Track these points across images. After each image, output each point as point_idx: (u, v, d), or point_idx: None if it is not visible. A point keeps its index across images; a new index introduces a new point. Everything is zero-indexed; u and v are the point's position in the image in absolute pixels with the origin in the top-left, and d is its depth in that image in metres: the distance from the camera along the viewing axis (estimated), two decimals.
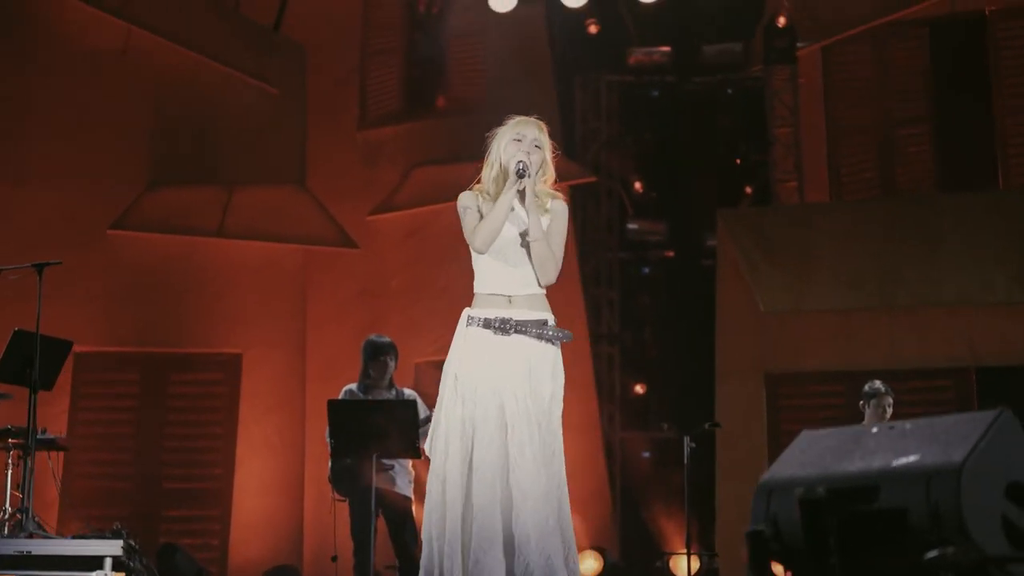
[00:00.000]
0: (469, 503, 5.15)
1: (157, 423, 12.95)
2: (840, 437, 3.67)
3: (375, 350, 8.69)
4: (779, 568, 3.42)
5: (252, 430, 12.91)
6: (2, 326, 9.30)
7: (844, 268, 12.02)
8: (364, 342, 8.81)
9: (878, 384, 9.04)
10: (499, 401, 5.21)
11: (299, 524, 12.64)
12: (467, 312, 5.41)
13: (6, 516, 9.01)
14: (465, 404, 5.25)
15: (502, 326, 5.30)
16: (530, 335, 5.31)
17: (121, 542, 7.30)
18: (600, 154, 13.84)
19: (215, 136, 13.43)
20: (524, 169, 5.31)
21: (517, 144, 5.44)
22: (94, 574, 7.44)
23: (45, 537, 8.68)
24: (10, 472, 9.26)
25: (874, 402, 8.97)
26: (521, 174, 5.32)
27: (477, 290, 5.45)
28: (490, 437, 5.17)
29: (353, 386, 8.73)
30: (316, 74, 13.85)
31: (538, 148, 5.46)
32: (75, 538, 8.75)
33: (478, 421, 5.20)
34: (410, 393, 8.70)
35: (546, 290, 5.47)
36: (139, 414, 12.98)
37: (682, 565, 10.81)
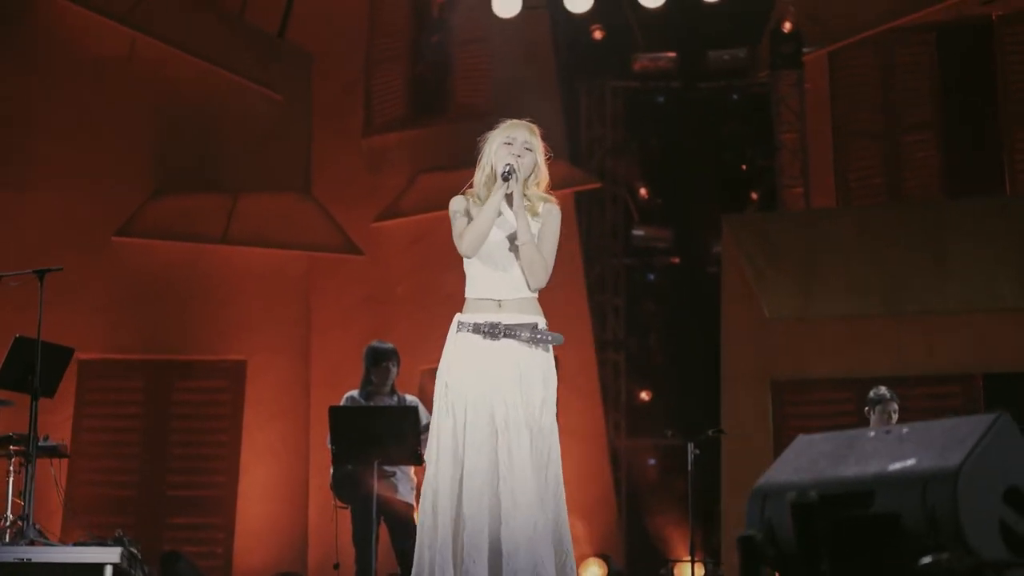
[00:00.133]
0: (461, 512, 5.09)
1: (161, 430, 12.93)
2: (836, 442, 3.62)
3: (377, 356, 8.65)
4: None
5: (256, 437, 12.88)
6: (5, 333, 9.26)
7: (850, 274, 11.97)
8: (366, 348, 8.77)
9: (883, 390, 8.98)
10: (489, 408, 5.16)
11: (303, 531, 12.60)
12: (457, 317, 5.36)
13: (7, 523, 8.98)
14: (456, 413, 5.19)
15: (491, 331, 5.25)
16: (520, 339, 5.25)
17: (120, 549, 7.26)
18: (605, 160, 13.79)
19: (220, 143, 13.41)
20: (510, 172, 5.26)
21: (508, 147, 5.38)
22: None
23: (46, 544, 8.67)
24: (12, 479, 9.22)
25: (879, 408, 8.91)
26: (506, 177, 5.26)
27: (468, 295, 5.39)
28: (480, 444, 5.12)
29: (355, 392, 8.69)
30: (321, 81, 13.83)
31: (529, 151, 5.41)
32: (76, 545, 8.76)
33: (468, 428, 5.15)
34: (412, 399, 8.65)
35: (538, 293, 5.41)
36: (143, 421, 12.97)
37: (686, 573, 10.75)
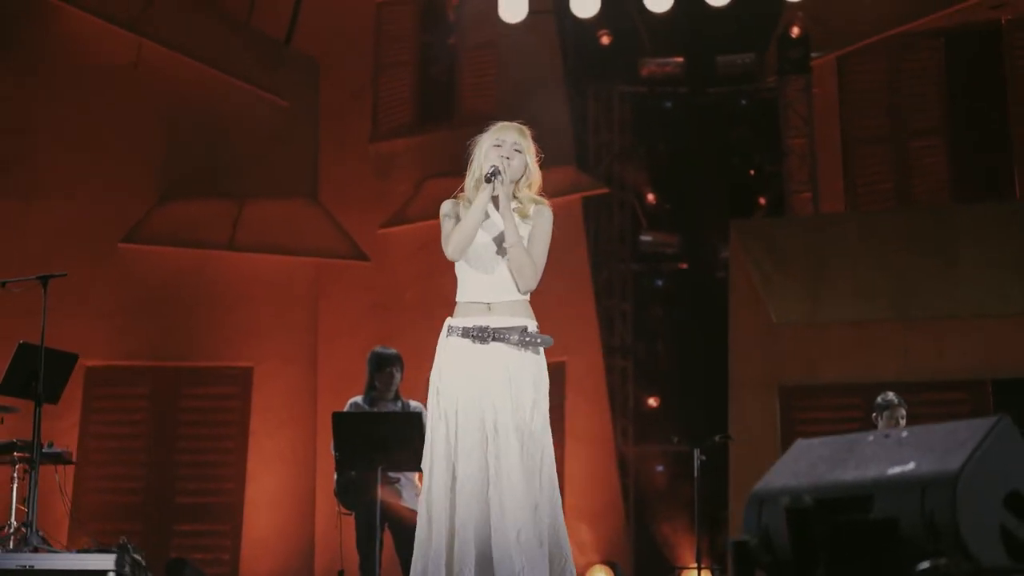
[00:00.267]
0: (454, 520, 5.05)
1: (168, 437, 12.91)
2: (834, 446, 3.58)
3: (381, 361, 8.62)
4: None
5: (263, 444, 12.86)
6: (11, 339, 9.23)
7: (858, 279, 11.93)
8: (370, 354, 8.74)
9: (891, 396, 8.93)
10: (480, 412, 5.11)
11: (310, 539, 12.58)
12: (448, 322, 5.33)
13: (11, 530, 8.96)
14: (447, 420, 5.15)
15: (480, 334, 5.20)
16: (509, 343, 5.21)
17: (113, 556, 7.23)
18: (613, 165, 13.75)
19: (226, 149, 13.40)
20: (493, 173, 5.21)
21: (497, 149, 5.34)
22: None
23: (50, 551, 8.64)
24: (15, 486, 9.21)
25: (887, 414, 8.85)
26: (488, 178, 5.22)
27: (458, 299, 5.35)
28: (471, 449, 5.08)
29: (359, 398, 8.66)
30: (328, 87, 13.82)
31: (519, 152, 5.36)
32: (80, 552, 8.74)
33: (460, 433, 5.11)
34: (416, 405, 8.61)
35: (529, 295, 5.37)
36: (150, 428, 12.95)
37: None
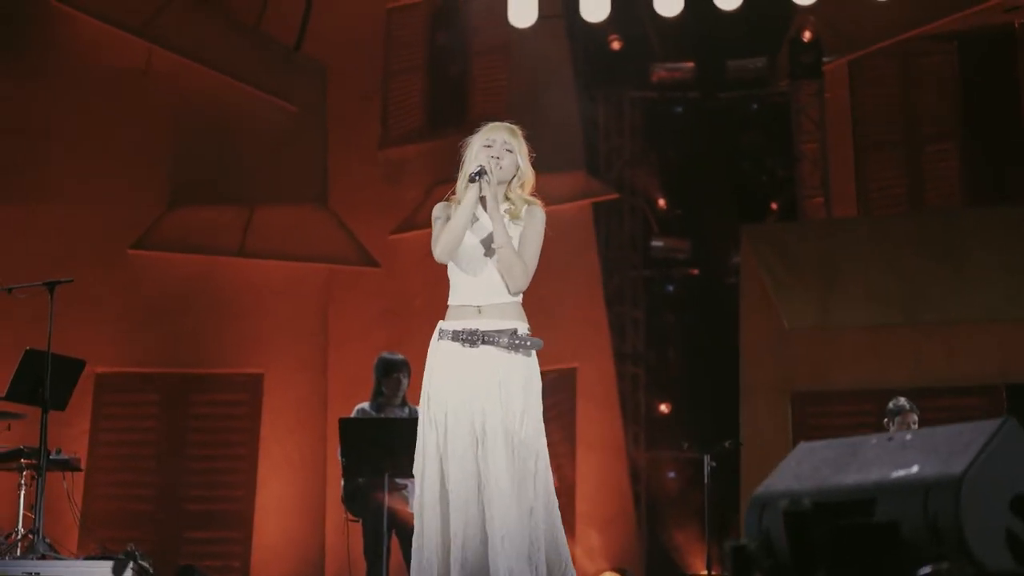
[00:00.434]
0: (448, 527, 5.00)
1: (178, 444, 12.88)
2: (837, 449, 3.52)
3: (388, 367, 8.58)
4: None
5: (274, 451, 12.82)
6: (21, 345, 9.22)
7: (870, 284, 11.86)
8: (377, 359, 8.71)
9: (902, 401, 8.88)
10: (469, 417, 5.06)
11: (320, 545, 12.53)
12: (439, 325, 5.27)
13: (18, 537, 8.95)
14: (437, 425, 5.10)
15: (470, 338, 5.14)
16: (499, 346, 5.15)
17: (110, 562, 7.22)
18: (623, 171, 13.69)
19: (236, 155, 13.37)
20: (479, 173, 5.15)
21: (487, 150, 5.28)
22: None
23: (56, 559, 8.63)
24: (23, 492, 9.20)
25: (898, 419, 8.81)
26: (473, 178, 5.16)
27: (449, 302, 5.29)
28: (462, 455, 5.02)
29: (366, 404, 8.63)
30: (338, 92, 13.78)
31: (509, 152, 5.30)
32: (87, 559, 8.73)
33: (450, 438, 5.05)
34: None
35: (521, 297, 5.30)
36: (160, 435, 12.92)
37: None
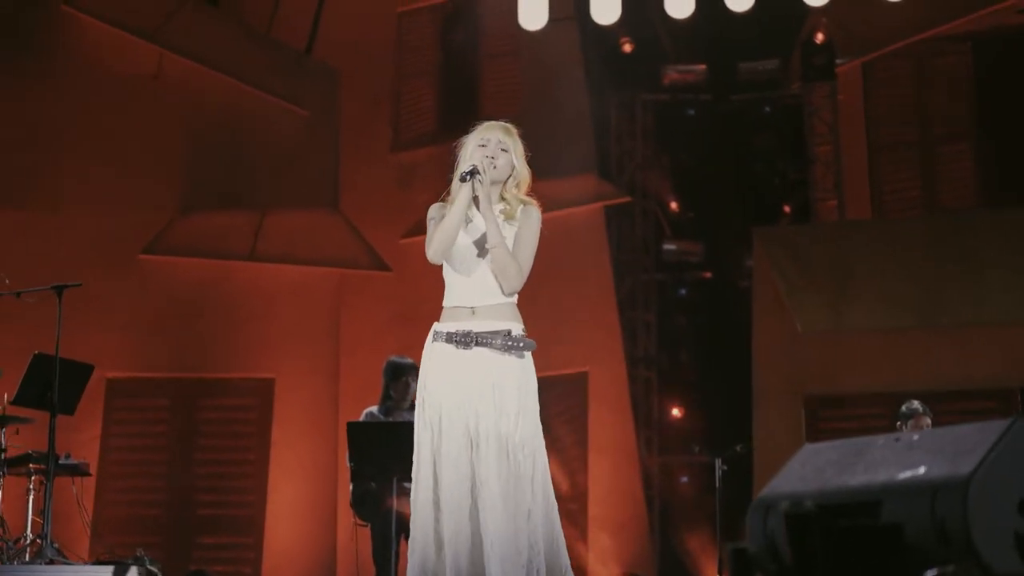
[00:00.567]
0: (440, 532, 4.95)
1: (189, 449, 12.86)
2: (843, 450, 3.46)
3: (396, 371, 8.55)
4: None
5: (285, 456, 12.79)
6: (33, 350, 9.18)
7: (884, 287, 11.81)
8: (385, 363, 8.67)
9: (915, 404, 8.82)
10: (463, 419, 5.00)
11: (332, 550, 12.49)
12: (433, 327, 5.21)
13: (27, 542, 8.93)
14: (432, 428, 5.05)
15: (463, 339, 5.09)
16: (492, 347, 5.09)
17: (111, 568, 7.19)
18: (636, 174, 13.64)
19: (247, 160, 13.36)
20: (471, 173, 5.08)
21: (482, 149, 5.22)
22: None
23: (64, 563, 8.61)
24: (31, 498, 9.18)
25: (911, 423, 8.74)
26: (464, 178, 5.10)
27: (444, 303, 5.24)
28: (455, 457, 4.97)
29: (374, 408, 8.59)
30: (349, 97, 13.76)
31: (504, 151, 5.24)
32: (96, 565, 8.70)
33: (444, 441, 5.00)
34: None
35: (516, 298, 5.24)
36: (171, 440, 12.90)
37: None
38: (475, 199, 5.13)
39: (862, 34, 13.35)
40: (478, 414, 4.97)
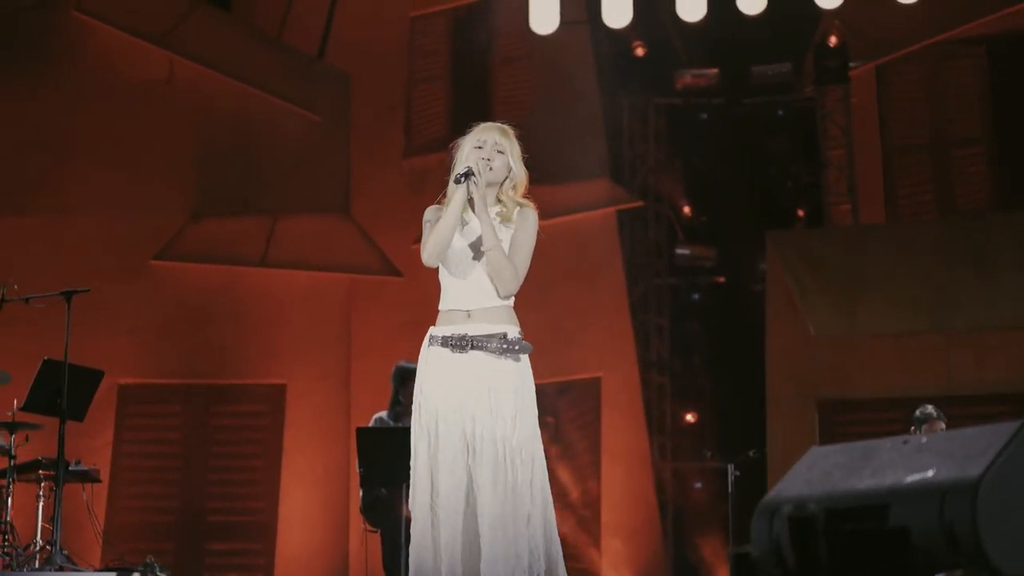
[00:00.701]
0: (437, 539, 4.89)
1: (201, 455, 12.84)
2: (850, 453, 3.41)
3: (405, 376, 8.50)
4: None
5: (297, 462, 12.75)
6: (43, 356, 9.16)
7: (897, 291, 11.75)
8: (394, 368, 8.63)
9: (929, 409, 8.74)
10: (460, 424, 4.95)
11: (344, 557, 12.45)
12: (429, 331, 5.16)
13: (36, 549, 8.91)
14: (429, 433, 5.00)
15: (459, 343, 5.03)
16: (488, 350, 5.03)
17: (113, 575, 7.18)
18: (648, 178, 13.60)
19: (258, 165, 13.34)
20: (465, 175, 5.02)
21: (478, 151, 5.16)
22: None
23: (74, 570, 8.59)
24: (41, 504, 9.16)
25: (925, 427, 8.67)
26: (458, 180, 5.04)
27: (440, 307, 5.18)
28: (452, 462, 4.92)
29: (383, 414, 8.55)
30: (360, 102, 13.73)
31: (500, 153, 5.18)
32: (105, 571, 8.68)
33: (440, 446, 4.95)
34: None
35: (512, 300, 5.18)
36: (183, 447, 12.88)
37: None
38: (470, 201, 5.06)
39: (876, 37, 13.29)
40: (475, 418, 4.92)
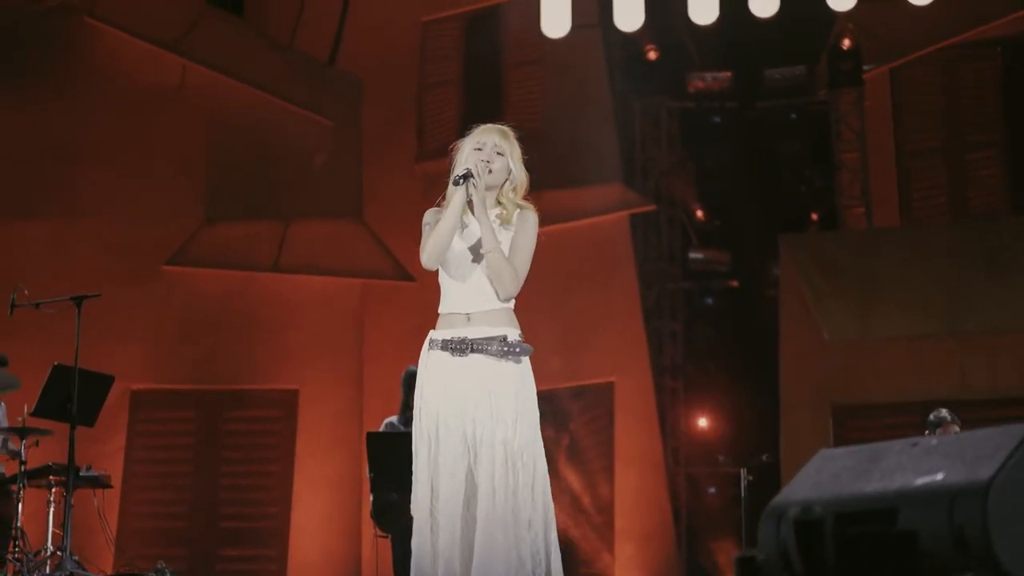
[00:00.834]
0: (436, 544, 4.85)
1: (213, 461, 12.82)
2: (858, 456, 3.36)
3: (415, 381, 8.43)
4: None
5: (309, 467, 12.73)
6: (54, 362, 9.14)
7: (912, 294, 11.70)
8: (404, 372, 8.59)
9: (943, 412, 8.68)
10: (461, 427, 4.90)
11: (357, 562, 12.42)
12: (429, 335, 5.11)
13: (47, 555, 8.89)
14: (429, 437, 4.95)
15: (459, 346, 4.97)
16: (488, 353, 4.98)
17: None
18: (661, 182, 13.56)
19: (271, 170, 13.33)
20: (464, 176, 4.96)
21: (478, 153, 5.11)
22: None
23: None
24: (52, 510, 9.13)
25: (939, 431, 8.60)
26: (457, 182, 4.99)
27: (439, 310, 5.13)
28: (452, 465, 4.86)
29: (394, 418, 8.51)
30: (372, 106, 13.72)
31: (500, 155, 5.13)
32: None
33: (441, 450, 4.90)
34: None
35: (512, 303, 5.13)
36: (195, 452, 12.87)
37: None
38: (469, 203, 5.01)
39: (889, 40, 13.24)
40: (475, 421, 4.87)
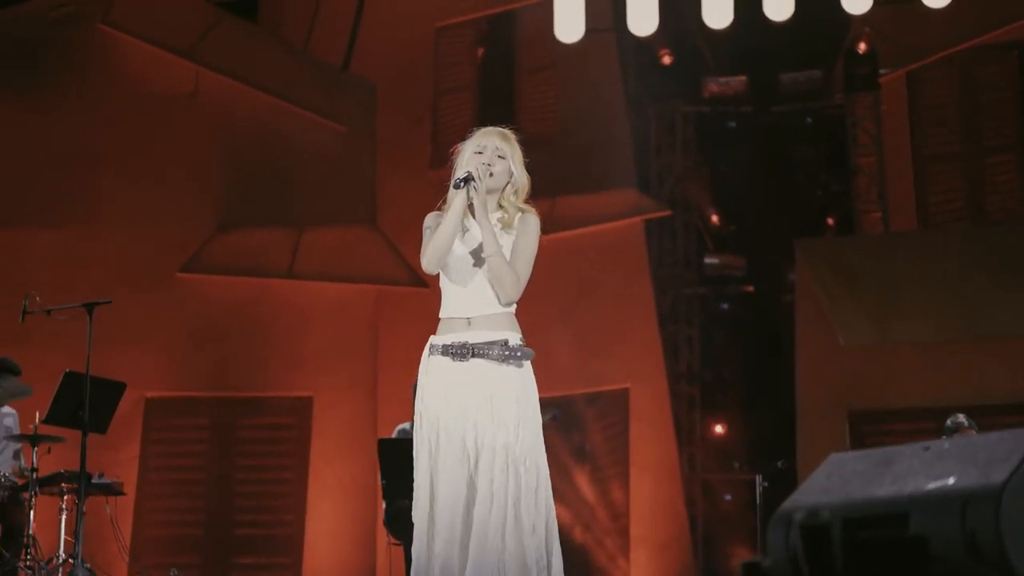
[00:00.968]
0: (432, 550, 4.80)
1: (228, 468, 12.80)
2: (869, 460, 3.31)
3: None
4: None
5: (324, 474, 12.70)
6: (67, 369, 9.10)
7: (928, 299, 11.64)
8: (416, 380, 8.53)
9: (960, 418, 8.62)
10: (461, 433, 4.85)
11: (371, 570, 12.38)
12: (430, 340, 5.06)
13: (59, 562, 8.87)
14: (430, 445, 4.90)
15: (460, 351, 4.93)
16: (489, 358, 4.93)
17: None
18: (676, 187, 13.50)
19: (285, 176, 13.31)
20: (464, 180, 4.91)
21: (478, 156, 5.06)
22: None
23: None
24: (64, 518, 9.11)
25: (957, 437, 8.53)
26: (457, 185, 4.94)
27: (440, 315, 5.08)
28: (451, 474, 4.82)
29: (407, 425, 8.47)
30: (386, 113, 13.70)
31: (501, 158, 5.08)
32: None
33: (441, 455, 4.86)
34: None
35: (515, 307, 5.08)
36: (210, 459, 12.84)
37: None
38: (471, 207, 4.96)
39: (906, 43, 13.16)
40: (476, 426, 4.83)
